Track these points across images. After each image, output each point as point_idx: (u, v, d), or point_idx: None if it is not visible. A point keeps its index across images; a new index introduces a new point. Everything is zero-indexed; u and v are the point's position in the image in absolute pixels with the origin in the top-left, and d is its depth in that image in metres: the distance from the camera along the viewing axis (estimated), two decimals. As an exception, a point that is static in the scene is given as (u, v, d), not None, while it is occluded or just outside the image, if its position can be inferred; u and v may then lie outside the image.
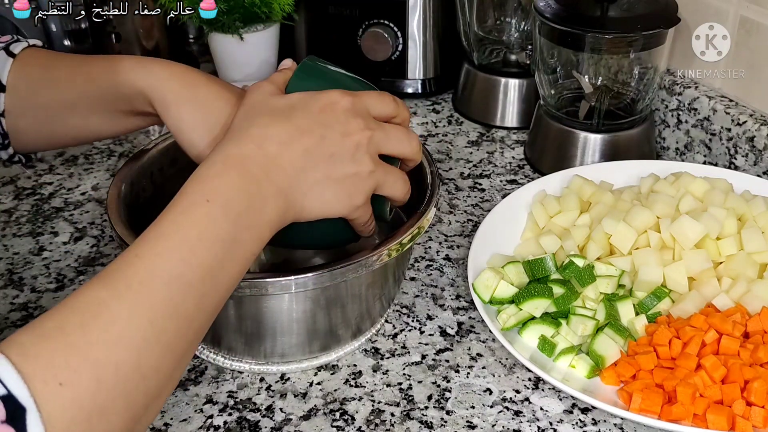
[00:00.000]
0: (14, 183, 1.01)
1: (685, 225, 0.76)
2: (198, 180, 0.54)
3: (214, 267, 0.51)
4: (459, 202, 0.97)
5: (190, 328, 0.50)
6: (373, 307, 0.73)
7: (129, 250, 0.50)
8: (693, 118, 0.98)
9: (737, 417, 0.64)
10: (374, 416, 0.69)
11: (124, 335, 0.46)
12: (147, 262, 0.49)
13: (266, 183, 0.55)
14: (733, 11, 0.93)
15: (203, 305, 0.51)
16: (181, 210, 0.52)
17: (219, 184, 0.53)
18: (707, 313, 0.72)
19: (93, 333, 0.45)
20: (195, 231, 0.51)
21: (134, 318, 0.47)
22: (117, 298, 0.47)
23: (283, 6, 1.10)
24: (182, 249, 0.50)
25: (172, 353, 0.49)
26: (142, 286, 0.48)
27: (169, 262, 0.49)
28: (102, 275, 0.49)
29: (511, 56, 1.12)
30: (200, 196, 0.53)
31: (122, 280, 0.48)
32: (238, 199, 0.53)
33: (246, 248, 0.54)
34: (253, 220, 0.54)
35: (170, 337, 0.49)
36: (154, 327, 0.47)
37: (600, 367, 0.70)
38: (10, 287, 0.84)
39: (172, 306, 0.49)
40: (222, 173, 0.54)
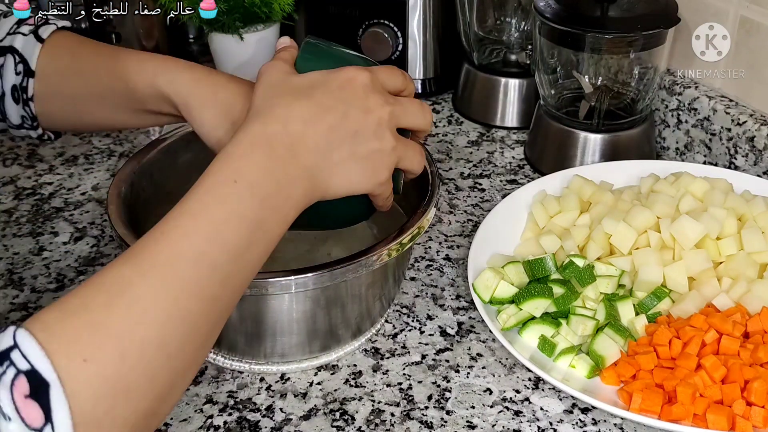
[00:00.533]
0: (14, 183, 1.01)
1: (685, 225, 0.76)
2: (225, 159, 0.54)
3: (240, 247, 0.51)
4: (459, 202, 0.97)
5: (215, 309, 0.50)
6: (373, 307, 0.73)
7: (155, 228, 0.50)
8: (693, 118, 0.98)
9: (737, 417, 0.64)
10: (374, 416, 0.69)
11: (149, 313, 0.46)
12: (173, 240, 0.49)
13: (293, 163, 0.55)
14: (733, 11, 0.93)
15: (228, 286, 0.51)
16: (208, 189, 0.52)
17: (246, 164, 0.53)
18: (707, 313, 0.72)
19: (117, 311, 0.45)
20: (222, 211, 0.51)
21: (159, 296, 0.47)
22: (141, 275, 0.47)
23: (283, 6, 1.10)
24: (208, 228, 0.50)
25: (197, 333, 0.49)
26: (167, 264, 0.48)
27: (195, 241, 0.49)
28: (127, 253, 0.49)
29: (511, 56, 1.12)
30: (227, 175, 0.52)
31: (147, 258, 0.48)
32: (264, 180, 0.53)
33: (272, 229, 0.54)
34: (280, 201, 0.54)
35: (195, 317, 0.48)
36: (179, 306, 0.47)
37: (600, 367, 0.70)
38: (10, 287, 0.84)
39: (197, 285, 0.49)
40: (248, 153, 0.54)
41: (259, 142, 0.54)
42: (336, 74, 0.59)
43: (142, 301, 0.46)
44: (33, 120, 0.71)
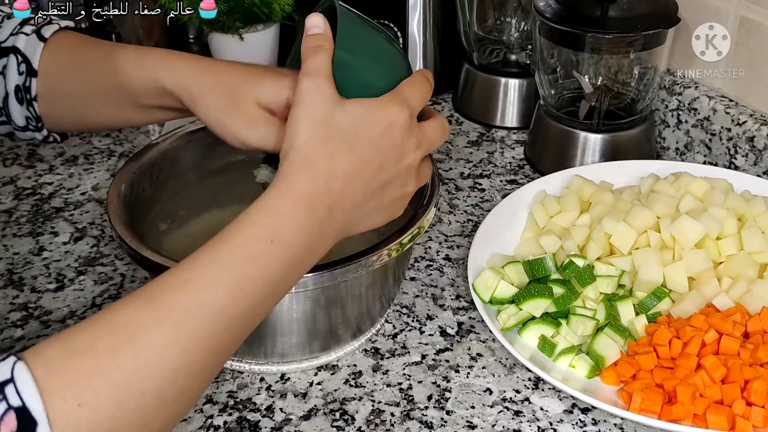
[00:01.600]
0: (14, 183, 1.01)
1: (685, 225, 0.76)
2: (266, 213, 0.53)
3: (257, 303, 0.51)
4: (459, 202, 0.97)
5: (218, 357, 0.50)
6: (373, 307, 0.73)
7: (179, 272, 0.49)
8: (693, 118, 0.98)
9: (737, 417, 0.64)
10: (374, 416, 0.69)
11: (155, 363, 0.45)
12: (195, 290, 0.48)
13: (328, 223, 0.55)
14: (733, 11, 0.93)
15: (236, 337, 0.51)
16: (242, 243, 0.51)
17: (285, 224, 0.52)
18: (707, 313, 0.72)
19: (123, 357, 0.44)
20: (251, 269, 0.50)
21: (169, 347, 0.46)
22: (156, 322, 0.46)
23: (283, 6, 1.10)
24: (233, 284, 0.49)
25: (197, 381, 0.49)
26: (185, 315, 0.47)
27: (218, 295, 0.49)
28: (146, 292, 0.48)
29: (511, 56, 1.12)
30: (265, 232, 0.52)
31: (165, 305, 0.47)
32: (299, 242, 0.53)
33: (290, 285, 0.55)
34: (305, 260, 0.55)
35: (198, 367, 0.48)
36: (186, 358, 0.47)
37: (600, 367, 0.70)
38: (10, 287, 0.84)
39: (208, 339, 0.48)
40: (290, 212, 0.53)
41: (302, 201, 0.53)
42: (379, 114, 0.57)
43: (150, 351, 0.45)
44: (38, 121, 0.70)
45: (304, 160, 0.55)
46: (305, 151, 0.55)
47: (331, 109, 0.56)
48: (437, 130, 0.62)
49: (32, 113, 0.70)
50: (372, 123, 0.57)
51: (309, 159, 0.55)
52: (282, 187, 0.54)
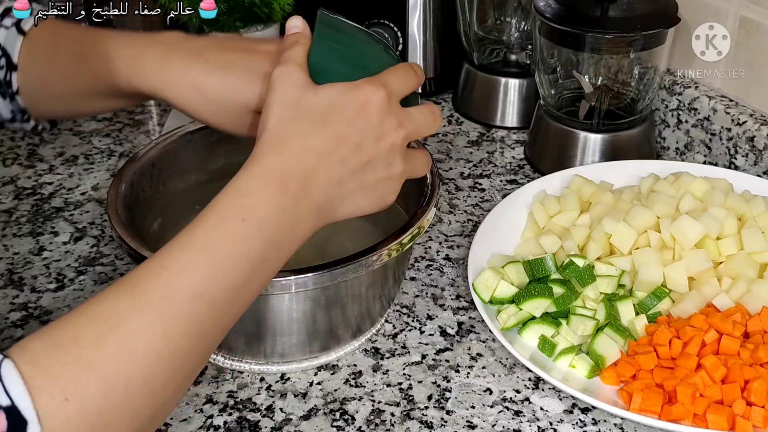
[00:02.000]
0: (14, 183, 1.01)
1: (685, 225, 0.76)
2: (235, 193, 0.52)
3: (238, 285, 0.51)
4: (459, 202, 0.97)
5: (204, 344, 0.50)
6: (373, 307, 0.73)
7: (155, 259, 0.49)
8: (693, 118, 0.98)
9: (737, 417, 0.64)
10: (374, 416, 0.69)
11: (138, 351, 0.45)
12: (172, 275, 0.48)
13: (303, 200, 0.54)
14: (733, 11, 0.93)
15: (221, 322, 0.51)
16: (214, 224, 0.51)
17: (256, 202, 0.52)
18: (707, 313, 0.72)
19: (107, 347, 0.44)
20: (225, 249, 0.50)
21: (151, 334, 0.46)
22: (136, 311, 0.46)
23: (283, 6, 1.10)
24: (210, 266, 0.49)
25: (183, 368, 0.48)
26: (164, 301, 0.47)
27: (195, 278, 0.48)
28: (124, 283, 0.48)
29: (511, 56, 1.12)
30: (235, 211, 0.51)
31: (144, 293, 0.47)
32: (273, 219, 0.52)
33: (273, 265, 0.54)
34: (286, 238, 0.54)
35: (183, 354, 0.48)
36: (169, 344, 0.47)
37: (600, 367, 0.70)
38: (10, 287, 0.84)
39: (190, 323, 0.48)
40: (261, 189, 0.52)
41: (272, 178, 0.53)
42: (353, 95, 0.56)
43: (133, 339, 0.45)
44: (23, 113, 0.70)
45: (274, 140, 0.55)
46: (275, 130, 0.55)
47: (301, 92, 0.56)
48: (424, 113, 0.60)
49: (17, 107, 0.70)
50: (346, 102, 0.56)
51: (279, 138, 0.55)
52: (252, 167, 0.54)
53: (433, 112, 0.62)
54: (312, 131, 0.55)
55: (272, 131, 0.55)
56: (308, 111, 0.56)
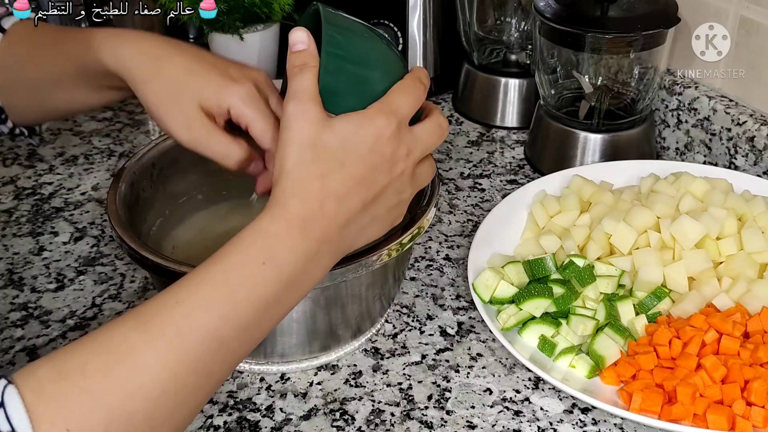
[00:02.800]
0: (14, 183, 1.01)
1: (685, 225, 0.76)
2: (258, 235, 0.52)
3: (251, 326, 0.51)
4: (459, 202, 0.97)
5: (210, 381, 0.50)
6: (373, 307, 0.73)
7: (172, 292, 0.49)
8: (693, 118, 0.98)
9: (737, 417, 0.64)
10: (374, 416, 0.69)
11: (145, 386, 0.45)
12: (186, 311, 0.48)
13: (324, 244, 0.54)
14: (733, 11, 0.93)
15: (228, 361, 0.51)
16: (234, 264, 0.50)
17: (278, 246, 0.52)
18: (707, 313, 0.72)
19: (113, 379, 0.44)
20: (243, 291, 0.50)
21: (159, 369, 0.46)
22: (147, 344, 0.46)
23: (283, 6, 1.10)
24: (225, 306, 0.49)
25: (187, 405, 0.48)
26: (176, 336, 0.47)
27: (209, 316, 0.48)
28: (138, 314, 0.47)
29: (511, 56, 1.12)
30: (257, 255, 0.51)
31: (157, 326, 0.47)
32: (293, 264, 0.52)
33: (286, 307, 0.54)
34: (303, 282, 0.54)
35: (189, 390, 0.48)
36: (177, 380, 0.46)
37: (600, 367, 0.70)
38: (10, 287, 0.84)
39: (199, 361, 0.48)
40: (283, 234, 0.52)
41: (295, 223, 0.52)
42: (366, 131, 0.55)
43: (140, 373, 0.45)
44: (1, 112, 0.71)
45: (296, 184, 0.54)
46: (296, 174, 0.54)
47: (318, 131, 0.55)
48: (432, 132, 0.60)
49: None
50: (361, 139, 0.55)
51: (300, 182, 0.54)
52: (275, 211, 0.53)
53: (441, 126, 0.61)
54: (331, 173, 0.54)
55: (292, 174, 0.54)
56: (325, 151, 0.55)
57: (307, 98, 0.55)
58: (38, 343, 0.76)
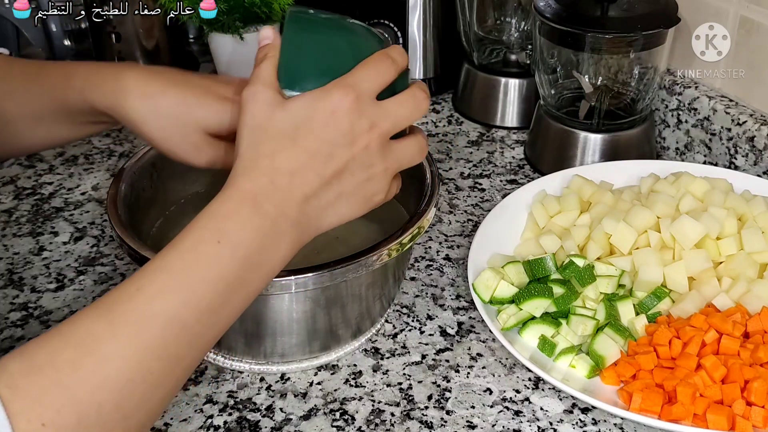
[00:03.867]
0: (14, 183, 1.01)
1: (685, 225, 0.76)
2: (210, 216, 0.52)
3: (213, 308, 0.51)
4: (459, 202, 0.97)
5: (178, 368, 0.50)
6: (373, 307, 0.73)
7: (132, 280, 0.49)
8: (693, 118, 0.98)
9: (737, 417, 0.64)
10: (374, 416, 0.69)
11: (111, 375, 0.46)
12: (147, 298, 0.48)
13: (280, 218, 0.54)
14: (733, 11, 0.93)
15: (195, 345, 0.51)
16: (190, 247, 0.51)
17: (231, 224, 0.52)
18: (707, 313, 0.72)
19: (82, 371, 0.45)
20: (200, 271, 0.50)
21: (125, 358, 0.46)
22: (111, 333, 0.47)
23: (283, 6, 1.10)
24: (184, 289, 0.49)
25: (156, 391, 0.49)
26: (138, 324, 0.47)
27: (169, 301, 0.49)
28: (101, 304, 0.48)
29: (511, 56, 1.12)
30: (211, 234, 0.51)
31: (120, 315, 0.47)
32: (248, 240, 0.52)
33: (252, 287, 0.54)
34: (264, 258, 0.54)
35: (156, 377, 0.48)
36: (142, 367, 0.47)
37: (600, 367, 0.70)
38: (10, 287, 0.84)
39: (163, 347, 0.48)
40: (234, 211, 0.53)
41: (245, 200, 0.53)
42: (320, 104, 0.55)
43: (107, 363, 0.46)
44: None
45: (246, 164, 0.55)
46: (246, 155, 0.55)
47: (269, 112, 0.55)
48: (402, 103, 0.58)
49: None
50: (314, 114, 0.55)
51: (249, 162, 0.55)
52: (226, 191, 0.54)
53: (415, 96, 0.58)
54: (281, 150, 0.55)
55: (243, 156, 0.55)
56: (276, 130, 0.55)
57: (260, 83, 0.56)
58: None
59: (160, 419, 0.68)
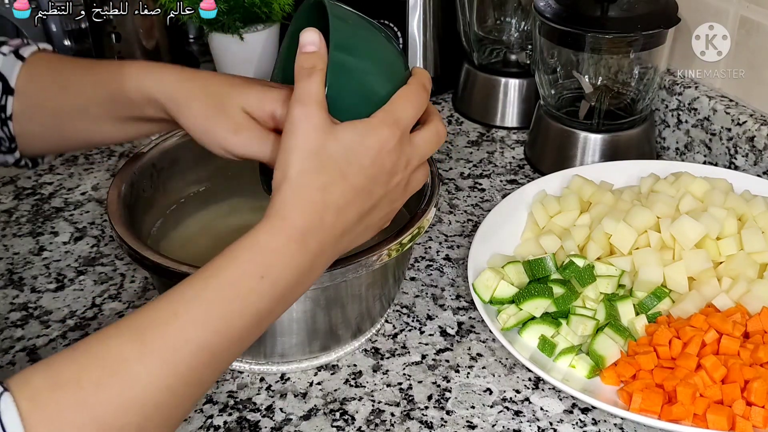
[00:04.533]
0: (14, 183, 1.01)
1: (685, 225, 0.76)
2: (258, 250, 0.52)
3: (243, 337, 0.51)
4: (459, 202, 0.97)
5: (201, 389, 0.50)
6: (373, 307, 0.73)
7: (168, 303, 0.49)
8: (693, 118, 0.98)
9: (737, 417, 0.64)
10: (374, 416, 0.69)
11: (138, 400, 0.45)
12: (181, 325, 0.48)
13: (319, 256, 0.54)
14: (733, 11, 0.93)
15: (219, 369, 0.51)
16: (232, 280, 0.50)
17: (276, 260, 0.52)
18: (707, 313, 0.72)
19: (108, 392, 0.45)
20: (238, 306, 0.50)
21: (153, 383, 0.46)
22: (141, 358, 0.46)
23: (283, 6, 1.10)
24: (219, 321, 0.49)
25: (177, 413, 0.49)
26: (170, 351, 0.47)
27: (204, 331, 0.49)
28: (133, 324, 0.48)
29: (511, 56, 1.12)
30: (256, 268, 0.51)
31: (153, 340, 0.47)
32: (289, 278, 0.52)
33: (276, 316, 0.54)
34: (296, 293, 0.55)
35: (180, 400, 0.48)
36: (170, 392, 0.47)
37: (600, 367, 0.70)
38: (10, 287, 0.84)
39: (190, 373, 0.48)
40: (282, 248, 0.52)
41: (294, 236, 0.53)
42: (369, 142, 0.55)
43: (134, 386, 0.46)
44: (11, 141, 0.69)
45: (297, 193, 0.54)
46: (298, 182, 0.54)
47: (323, 138, 0.54)
48: (430, 141, 0.60)
49: (6, 133, 0.68)
50: (364, 150, 0.55)
51: (302, 192, 0.54)
52: (275, 223, 0.53)
53: (438, 133, 0.60)
54: (332, 185, 0.54)
55: (293, 182, 0.54)
56: (329, 160, 0.55)
57: (313, 103, 0.55)
58: (38, 344, 0.76)
59: (160, 419, 0.68)
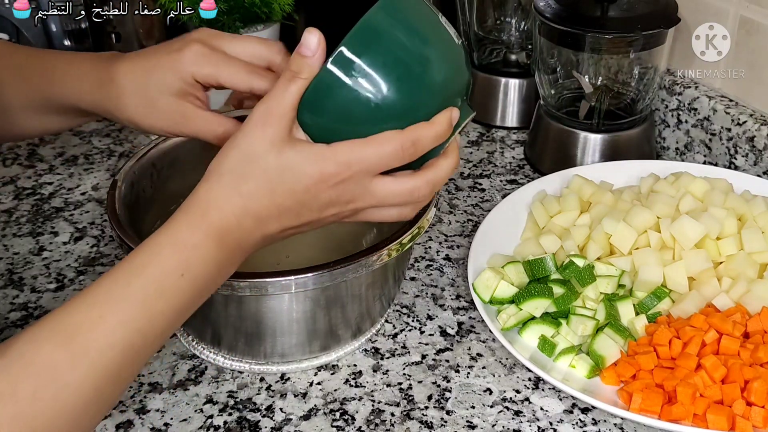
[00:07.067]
0: (14, 183, 1.01)
1: (685, 225, 0.76)
2: (177, 247, 0.53)
3: (165, 333, 0.53)
4: (459, 202, 0.97)
5: (125, 385, 0.52)
6: (373, 307, 0.73)
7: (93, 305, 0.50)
8: (693, 118, 0.98)
9: (737, 417, 0.64)
10: (374, 416, 0.69)
11: (69, 406, 0.47)
12: (108, 328, 0.49)
13: (238, 253, 0.56)
14: (733, 11, 0.93)
15: (141, 364, 0.52)
16: (154, 278, 0.51)
17: (195, 257, 0.53)
18: (707, 313, 0.72)
19: (42, 402, 0.46)
20: (161, 304, 0.51)
21: (83, 387, 0.48)
22: (72, 365, 0.48)
23: (283, 6, 1.10)
24: (144, 320, 0.51)
25: (104, 409, 0.51)
26: (98, 355, 0.49)
27: (129, 332, 0.50)
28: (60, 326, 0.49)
29: (511, 56, 1.12)
30: (176, 266, 0.52)
31: (81, 344, 0.48)
32: (208, 273, 0.54)
33: (196, 307, 0.55)
34: (215, 285, 0.56)
35: (107, 398, 0.50)
36: (97, 392, 0.49)
37: (600, 367, 0.70)
38: (10, 287, 0.84)
39: (117, 372, 0.50)
40: (201, 245, 0.53)
41: (211, 234, 0.53)
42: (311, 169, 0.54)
43: (66, 394, 0.47)
44: None
45: (220, 192, 0.54)
46: (225, 180, 0.54)
47: (266, 149, 0.54)
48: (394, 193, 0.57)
49: None
50: (301, 175, 0.54)
51: (225, 191, 0.54)
52: (195, 218, 0.54)
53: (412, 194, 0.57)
54: (257, 196, 0.54)
55: (221, 179, 0.55)
56: (262, 172, 0.54)
57: (277, 112, 0.54)
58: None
59: (159, 419, 0.68)
